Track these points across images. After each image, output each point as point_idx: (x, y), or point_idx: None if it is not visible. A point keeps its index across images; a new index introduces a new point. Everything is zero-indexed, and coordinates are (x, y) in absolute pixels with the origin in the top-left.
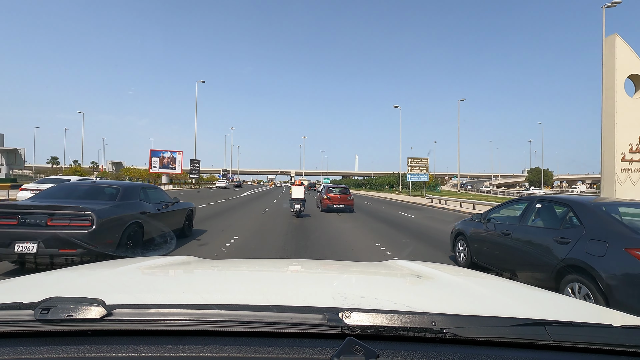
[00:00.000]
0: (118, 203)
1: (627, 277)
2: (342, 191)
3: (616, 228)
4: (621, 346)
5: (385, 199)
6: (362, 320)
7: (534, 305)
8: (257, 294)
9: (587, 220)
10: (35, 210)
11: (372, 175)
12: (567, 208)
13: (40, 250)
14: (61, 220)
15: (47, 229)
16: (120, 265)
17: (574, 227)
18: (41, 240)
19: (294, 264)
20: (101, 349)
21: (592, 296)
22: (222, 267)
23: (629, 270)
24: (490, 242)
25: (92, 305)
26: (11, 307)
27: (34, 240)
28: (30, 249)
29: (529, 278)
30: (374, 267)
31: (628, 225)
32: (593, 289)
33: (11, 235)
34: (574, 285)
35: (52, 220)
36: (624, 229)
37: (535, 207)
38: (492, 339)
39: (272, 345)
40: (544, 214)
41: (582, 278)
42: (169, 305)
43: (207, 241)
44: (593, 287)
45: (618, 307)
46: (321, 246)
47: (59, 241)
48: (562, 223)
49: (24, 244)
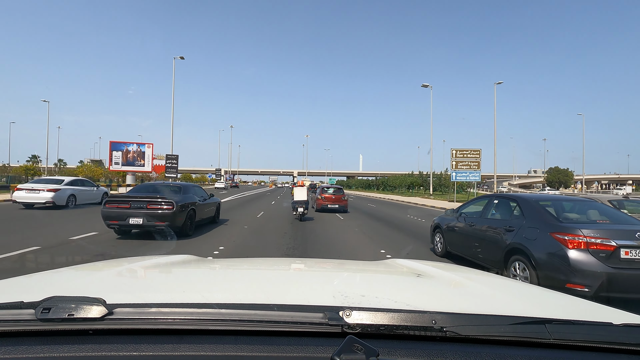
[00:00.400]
0: (183, 196)
1: (549, 255)
2: (336, 191)
3: (545, 217)
4: (621, 344)
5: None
6: (363, 318)
7: (534, 304)
8: (258, 293)
9: (527, 212)
10: (139, 199)
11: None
12: (515, 203)
13: (144, 222)
14: (155, 205)
15: (147, 210)
16: (121, 265)
17: (518, 218)
18: (144, 217)
19: (295, 262)
20: (102, 348)
21: (527, 271)
22: (222, 266)
23: (551, 250)
24: (460, 233)
25: (93, 305)
26: (12, 307)
27: (140, 217)
28: (138, 221)
29: (488, 260)
30: (374, 266)
31: (554, 215)
32: (528, 265)
33: (127, 214)
34: (515, 264)
35: (150, 205)
36: (551, 217)
37: (493, 202)
38: (492, 338)
39: (272, 344)
40: (499, 208)
41: (521, 257)
42: (169, 305)
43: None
44: (528, 263)
45: (542, 279)
46: None
47: (155, 217)
48: (511, 215)
49: (135, 219)
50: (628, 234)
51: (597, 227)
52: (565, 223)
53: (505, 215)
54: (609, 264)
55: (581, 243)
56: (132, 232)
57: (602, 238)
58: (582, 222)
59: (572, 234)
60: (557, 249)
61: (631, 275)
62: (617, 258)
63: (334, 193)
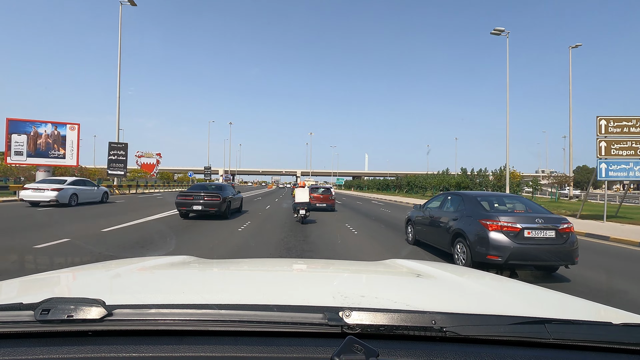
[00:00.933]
0: (223, 192)
1: (477, 236)
2: (324, 191)
3: (477, 209)
4: (621, 344)
5: None
6: (363, 319)
7: (533, 304)
8: (258, 294)
9: (467, 205)
10: (199, 193)
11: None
12: (461, 198)
13: (202, 208)
14: (209, 197)
15: (204, 200)
16: (120, 266)
17: (461, 210)
18: (202, 205)
19: (294, 263)
20: (101, 349)
21: (465, 250)
22: (222, 266)
23: (478, 232)
24: (424, 224)
25: (93, 306)
26: (11, 308)
27: (199, 205)
28: (198, 208)
29: (442, 244)
30: (374, 266)
31: (485, 207)
32: (465, 244)
33: (191, 203)
34: (458, 245)
35: (206, 197)
36: (481, 209)
37: (448, 198)
38: (492, 338)
39: (272, 345)
40: (451, 202)
41: (461, 239)
42: (169, 305)
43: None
44: (465, 243)
45: (473, 254)
46: None
47: (208, 205)
48: (457, 208)
49: (196, 206)
50: (530, 219)
51: (510, 215)
52: (489, 212)
53: (454, 208)
54: (515, 240)
55: (498, 226)
56: (190, 216)
57: (512, 222)
58: (503, 211)
59: (492, 220)
60: (482, 231)
61: (531, 248)
62: (522, 237)
63: (322, 193)
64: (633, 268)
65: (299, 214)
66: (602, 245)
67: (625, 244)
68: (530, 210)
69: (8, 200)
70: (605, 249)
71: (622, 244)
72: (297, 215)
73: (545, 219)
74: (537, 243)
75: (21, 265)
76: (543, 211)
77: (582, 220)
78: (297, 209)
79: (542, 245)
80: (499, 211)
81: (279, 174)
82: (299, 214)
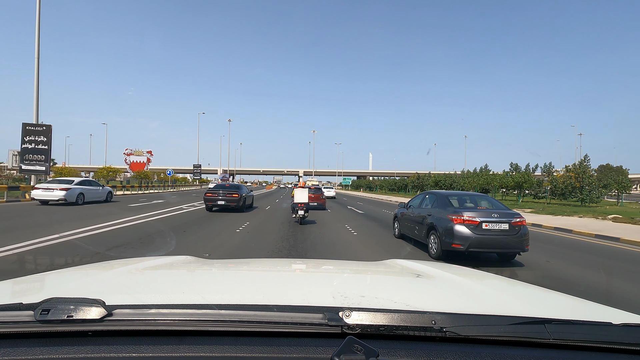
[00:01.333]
0: (241, 190)
1: (445, 228)
2: (316, 191)
3: (447, 206)
4: (621, 344)
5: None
6: (363, 319)
7: (533, 304)
8: (257, 294)
9: (439, 202)
10: (222, 191)
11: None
12: (435, 196)
13: (225, 203)
14: (231, 194)
15: (226, 197)
16: (120, 266)
17: (435, 207)
18: (224, 200)
19: (294, 263)
20: (101, 350)
21: (436, 240)
22: (222, 266)
23: (446, 225)
24: (406, 219)
25: (92, 306)
26: (11, 308)
27: (223, 200)
28: (221, 203)
29: (419, 236)
30: (374, 266)
31: (452, 203)
32: (436, 236)
33: (216, 199)
34: (431, 236)
35: (228, 194)
36: (450, 205)
37: (425, 197)
38: (492, 338)
39: (272, 345)
40: (428, 200)
41: (434, 231)
42: (169, 306)
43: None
44: (436, 235)
45: (442, 243)
46: None
47: (230, 200)
48: (432, 204)
49: (220, 201)
50: (488, 214)
51: (473, 210)
52: (456, 209)
53: (429, 205)
54: (475, 232)
55: (461, 220)
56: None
57: (473, 217)
58: (467, 208)
59: (457, 215)
60: (449, 224)
61: (487, 238)
62: (480, 228)
63: (314, 192)
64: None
65: (298, 214)
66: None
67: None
68: (492, 207)
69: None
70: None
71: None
72: (296, 215)
73: (501, 214)
74: (493, 234)
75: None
76: (502, 208)
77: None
78: (295, 209)
79: (497, 236)
80: (465, 208)
81: (280, 173)
82: (298, 214)
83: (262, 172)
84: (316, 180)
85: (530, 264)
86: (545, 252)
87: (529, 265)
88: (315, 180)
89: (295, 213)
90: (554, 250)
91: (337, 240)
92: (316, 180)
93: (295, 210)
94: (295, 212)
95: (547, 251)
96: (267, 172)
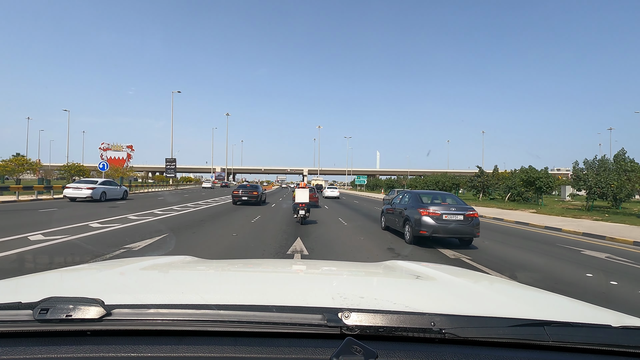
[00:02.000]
0: (259, 189)
1: (415, 219)
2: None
3: (417, 201)
4: (620, 347)
5: None
6: (362, 320)
7: (533, 306)
8: (257, 294)
9: (412, 199)
10: (244, 190)
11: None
12: (410, 194)
13: (247, 199)
14: (251, 192)
15: (248, 194)
16: (119, 265)
17: (409, 202)
18: (247, 196)
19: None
20: (100, 349)
21: (409, 229)
22: (221, 267)
23: (416, 217)
24: (390, 213)
25: (91, 305)
26: (10, 307)
27: (246, 197)
28: (244, 198)
29: (398, 226)
30: (374, 268)
31: (421, 199)
32: (409, 225)
33: (241, 195)
34: (406, 227)
35: (248, 192)
36: (420, 201)
37: (404, 195)
38: (491, 340)
39: (271, 346)
40: (405, 198)
41: (408, 222)
42: (168, 305)
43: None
44: (410, 225)
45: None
46: None
47: (251, 197)
48: (408, 200)
49: (244, 197)
50: (448, 208)
51: (437, 205)
52: (424, 204)
53: (405, 200)
54: (437, 222)
55: (427, 213)
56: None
57: (435, 210)
58: (433, 204)
59: (424, 209)
60: (418, 216)
61: (446, 226)
62: (441, 219)
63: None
64: None
65: (299, 214)
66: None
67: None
68: (454, 202)
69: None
70: None
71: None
72: (297, 215)
73: (458, 208)
74: (451, 223)
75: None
76: (461, 203)
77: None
78: (297, 209)
79: (454, 225)
80: (431, 204)
81: (283, 172)
82: (299, 214)
83: (263, 170)
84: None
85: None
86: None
87: (480, 248)
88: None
89: (297, 213)
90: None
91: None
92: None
93: (296, 210)
94: (297, 212)
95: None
96: (269, 171)
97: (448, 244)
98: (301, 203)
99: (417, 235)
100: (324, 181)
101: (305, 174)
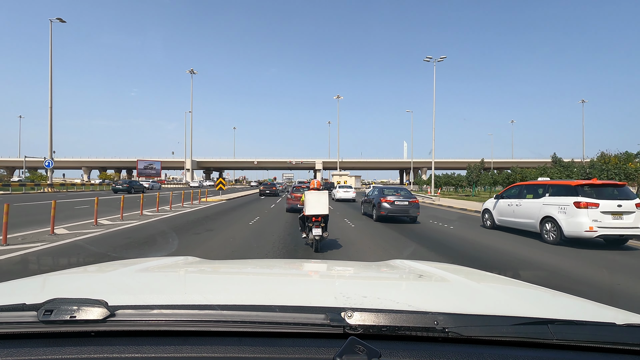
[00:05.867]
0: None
1: (378, 204)
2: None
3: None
4: (624, 345)
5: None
6: (365, 319)
7: (536, 304)
8: (260, 294)
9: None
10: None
11: (452, 164)
12: (378, 189)
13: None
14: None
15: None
16: (123, 267)
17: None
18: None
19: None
20: (104, 350)
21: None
22: (224, 267)
23: (379, 203)
24: (366, 202)
25: (95, 306)
26: (14, 309)
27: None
28: (267, 192)
29: (368, 211)
30: (376, 267)
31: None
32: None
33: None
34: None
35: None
36: (382, 193)
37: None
38: (495, 338)
39: (274, 346)
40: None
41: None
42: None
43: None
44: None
45: (375, 212)
46: None
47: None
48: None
49: (266, 192)
50: (398, 197)
51: (392, 195)
52: (384, 194)
53: (377, 193)
54: (391, 206)
55: (385, 200)
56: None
57: (390, 198)
58: (390, 194)
59: (383, 198)
60: (380, 202)
61: (397, 208)
62: (394, 204)
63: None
64: None
65: (312, 233)
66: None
67: None
68: (404, 193)
69: None
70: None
71: None
72: (308, 236)
73: (404, 196)
74: (399, 207)
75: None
76: (408, 193)
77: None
78: (307, 225)
79: (402, 207)
80: (389, 194)
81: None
82: (312, 233)
83: (256, 163)
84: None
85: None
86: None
87: (422, 222)
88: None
89: (307, 231)
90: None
91: None
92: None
93: (306, 226)
94: (307, 230)
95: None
96: (263, 165)
97: (402, 222)
98: (315, 216)
99: (378, 214)
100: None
101: (318, 168)
